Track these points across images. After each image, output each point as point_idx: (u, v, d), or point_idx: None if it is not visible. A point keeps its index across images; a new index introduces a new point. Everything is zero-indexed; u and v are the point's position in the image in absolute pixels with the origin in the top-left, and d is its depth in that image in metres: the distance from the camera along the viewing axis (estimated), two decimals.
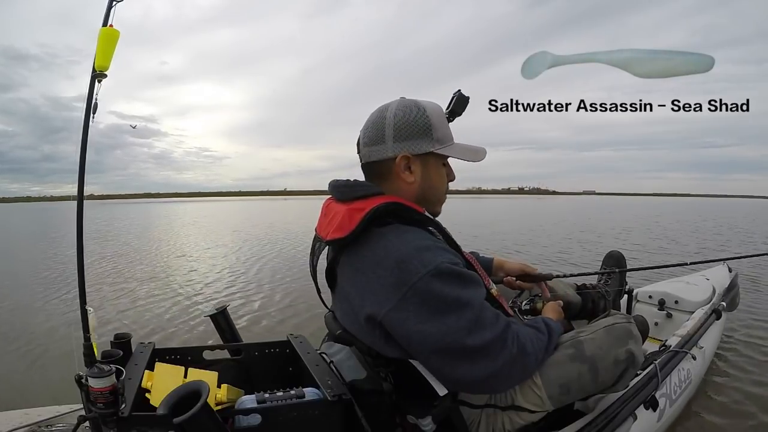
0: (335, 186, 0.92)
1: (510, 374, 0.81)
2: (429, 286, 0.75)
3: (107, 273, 5.72)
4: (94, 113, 0.80)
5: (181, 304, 4.01)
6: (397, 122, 0.87)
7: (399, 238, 0.80)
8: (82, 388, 0.74)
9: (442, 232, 0.91)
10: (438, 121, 0.90)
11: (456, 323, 0.75)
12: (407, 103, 0.90)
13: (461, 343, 0.75)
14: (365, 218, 0.81)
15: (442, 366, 0.79)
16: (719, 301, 2.08)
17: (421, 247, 0.79)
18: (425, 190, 0.91)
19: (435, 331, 0.75)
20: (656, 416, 1.29)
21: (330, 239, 0.86)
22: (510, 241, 8.65)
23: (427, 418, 0.86)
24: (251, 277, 5.29)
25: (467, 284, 0.79)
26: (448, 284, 0.76)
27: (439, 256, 0.79)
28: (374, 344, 0.85)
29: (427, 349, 0.77)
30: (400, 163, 0.88)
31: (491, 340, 0.77)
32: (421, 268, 0.75)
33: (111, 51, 0.82)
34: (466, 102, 0.97)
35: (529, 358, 0.83)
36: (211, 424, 0.67)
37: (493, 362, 0.78)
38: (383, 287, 0.78)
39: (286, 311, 3.69)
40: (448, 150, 0.90)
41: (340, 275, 0.90)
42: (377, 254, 0.80)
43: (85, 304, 0.84)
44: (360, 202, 0.84)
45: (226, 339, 1.24)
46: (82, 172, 0.81)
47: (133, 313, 3.72)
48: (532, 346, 0.85)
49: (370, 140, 0.90)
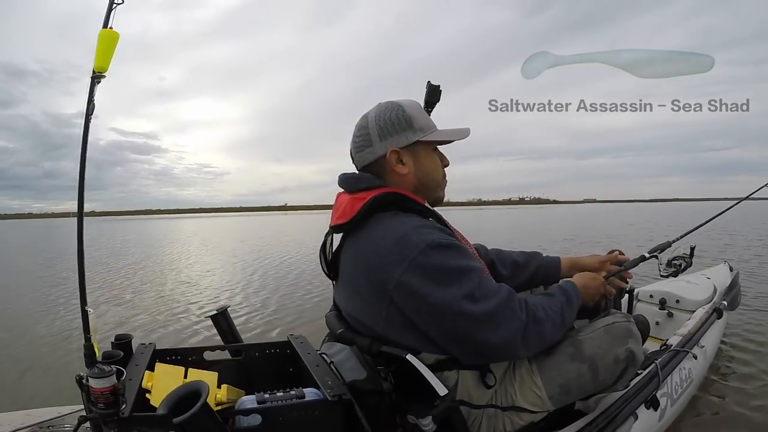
0: (344, 179, 0.97)
1: (525, 341, 0.83)
2: (428, 258, 0.79)
3: (111, 278, 5.74)
4: (92, 113, 0.81)
5: (182, 305, 4.02)
6: (379, 122, 0.93)
7: (397, 220, 0.86)
8: (83, 388, 0.74)
9: (442, 222, 0.94)
10: (416, 112, 0.95)
11: (458, 291, 0.79)
12: (384, 104, 0.95)
13: (468, 312, 0.78)
14: (366, 204, 0.87)
15: (456, 335, 0.82)
16: (720, 300, 2.08)
17: (418, 226, 0.84)
18: (421, 178, 0.95)
19: (440, 301, 0.79)
20: (657, 416, 1.29)
21: (334, 224, 0.93)
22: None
23: (428, 418, 0.86)
24: (252, 279, 5.30)
25: (464, 255, 0.83)
26: (447, 255, 0.80)
27: (436, 233, 0.83)
28: (379, 323, 0.87)
29: (437, 320, 0.81)
30: (391, 158, 0.92)
31: (496, 306, 0.80)
32: (420, 242, 0.80)
33: (110, 52, 0.83)
34: (436, 91, 1.03)
35: (542, 324, 0.85)
36: (211, 424, 0.67)
37: (505, 329, 0.80)
38: (385, 264, 0.82)
39: (285, 312, 3.70)
40: (433, 136, 0.95)
41: (343, 261, 0.95)
42: (377, 235, 0.85)
43: (86, 305, 0.84)
44: (363, 193, 0.91)
45: (227, 339, 1.24)
46: (83, 172, 0.81)
47: (133, 314, 3.73)
48: (544, 312, 0.87)
49: (360, 146, 0.95)
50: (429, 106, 1.02)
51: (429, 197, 0.98)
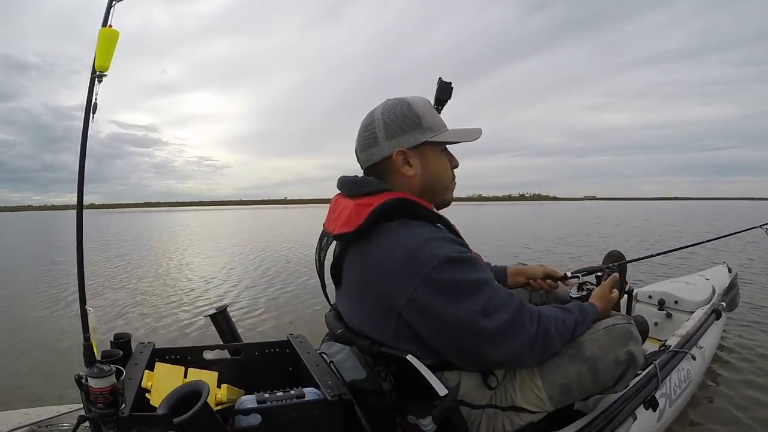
0: (344, 182, 0.93)
1: (532, 355, 0.83)
2: (441, 274, 0.77)
3: (108, 275, 5.72)
4: (94, 113, 0.80)
5: (182, 304, 4.01)
6: (386, 121, 0.89)
7: (406, 231, 0.81)
8: (82, 388, 0.74)
9: (450, 227, 0.92)
10: (425, 111, 0.90)
11: (472, 306, 0.77)
12: (392, 102, 0.91)
13: (479, 326, 0.77)
14: (373, 213, 0.81)
15: (463, 351, 0.81)
16: (719, 301, 2.09)
17: (429, 238, 0.80)
18: (428, 180, 0.91)
19: (452, 317, 0.77)
20: (656, 416, 1.29)
21: (338, 233, 0.87)
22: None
23: (427, 418, 0.86)
24: (252, 277, 5.29)
25: (477, 268, 0.81)
26: (460, 270, 0.78)
27: (448, 245, 0.80)
28: (385, 336, 0.86)
29: (448, 336, 0.80)
30: (398, 159, 0.88)
31: (507, 321, 0.79)
32: (432, 258, 0.77)
33: (111, 51, 0.82)
34: (448, 87, 0.97)
35: (552, 340, 0.85)
36: (211, 424, 0.67)
37: (513, 343, 0.80)
38: (396, 280, 0.79)
39: (286, 311, 3.69)
40: (442, 136, 0.90)
41: (347, 270, 0.91)
42: (386, 248, 0.81)
43: (85, 304, 0.84)
44: (368, 198, 0.85)
45: (226, 339, 1.24)
46: (82, 171, 0.81)
47: (133, 313, 3.73)
48: (555, 328, 0.86)
49: (366, 145, 0.91)
50: (439, 104, 0.96)
51: (435, 200, 0.94)
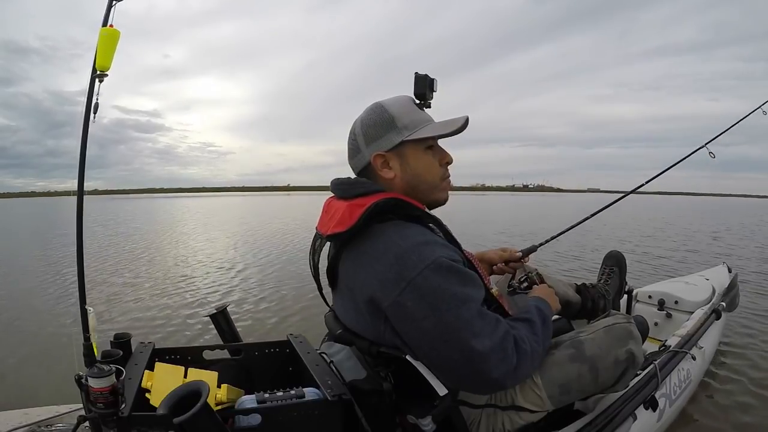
0: (337, 184, 0.93)
1: (510, 381, 0.80)
2: (427, 281, 0.75)
3: (107, 270, 5.71)
4: (95, 113, 0.80)
5: (182, 303, 4.01)
6: (363, 128, 0.90)
7: (398, 234, 0.81)
8: (82, 388, 0.74)
9: (443, 228, 0.91)
10: (399, 110, 0.89)
11: (455, 322, 0.74)
12: (370, 108, 0.92)
13: (460, 343, 0.74)
14: (365, 213, 0.81)
15: (440, 365, 0.78)
16: (719, 301, 2.09)
17: (419, 242, 0.79)
18: (410, 181, 0.90)
19: (432, 327, 0.75)
20: (656, 416, 1.29)
21: (330, 234, 0.87)
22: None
23: (427, 418, 0.86)
24: (251, 277, 5.28)
25: (466, 282, 0.78)
26: (446, 280, 0.76)
27: (438, 250, 0.79)
28: (378, 338, 0.85)
29: (426, 346, 0.77)
30: (376, 163, 0.89)
31: (490, 348, 0.75)
32: (420, 263, 0.76)
33: (112, 51, 0.82)
34: (424, 81, 0.94)
35: (529, 361, 0.82)
36: (211, 424, 0.67)
37: (491, 372, 0.75)
38: (383, 283, 0.78)
39: (286, 311, 3.69)
40: (419, 133, 0.88)
41: (342, 271, 0.91)
42: (377, 249, 0.81)
43: (85, 303, 0.84)
44: (361, 199, 0.85)
45: (226, 339, 1.24)
46: (82, 172, 0.81)
47: (132, 313, 3.72)
48: (531, 348, 0.83)
49: (351, 153, 0.93)
50: (422, 99, 0.94)
51: (424, 200, 0.92)
